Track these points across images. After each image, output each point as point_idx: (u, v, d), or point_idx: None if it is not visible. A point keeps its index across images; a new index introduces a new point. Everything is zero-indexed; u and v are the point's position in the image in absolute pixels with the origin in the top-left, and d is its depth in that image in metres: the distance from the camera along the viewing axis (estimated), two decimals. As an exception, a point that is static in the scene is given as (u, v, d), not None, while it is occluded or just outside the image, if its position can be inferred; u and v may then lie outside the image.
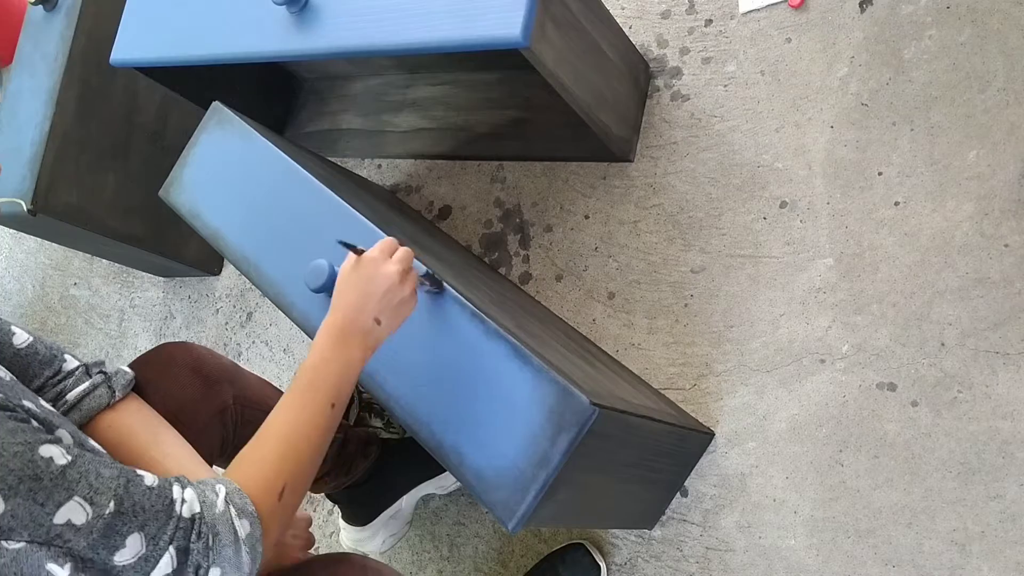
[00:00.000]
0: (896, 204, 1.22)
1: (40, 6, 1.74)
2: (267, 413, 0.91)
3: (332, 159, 1.79)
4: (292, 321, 1.20)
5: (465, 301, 1.03)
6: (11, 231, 2.51)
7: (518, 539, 1.42)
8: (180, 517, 0.77)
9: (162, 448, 0.97)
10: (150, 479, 0.78)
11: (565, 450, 0.92)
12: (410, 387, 1.05)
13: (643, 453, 1.13)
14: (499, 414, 0.97)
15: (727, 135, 1.39)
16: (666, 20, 1.49)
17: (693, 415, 1.30)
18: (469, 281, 1.20)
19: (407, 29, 1.17)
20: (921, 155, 1.22)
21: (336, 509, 1.65)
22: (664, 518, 1.29)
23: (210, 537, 0.78)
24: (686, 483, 1.28)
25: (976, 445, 1.10)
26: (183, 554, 0.77)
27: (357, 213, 1.17)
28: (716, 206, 1.37)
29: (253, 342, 1.88)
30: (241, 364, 1.86)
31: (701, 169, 1.40)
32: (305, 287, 1.14)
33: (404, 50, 1.18)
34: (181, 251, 1.92)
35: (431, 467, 1.45)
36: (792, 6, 1.37)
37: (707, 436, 1.27)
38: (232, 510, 0.81)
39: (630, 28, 1.52)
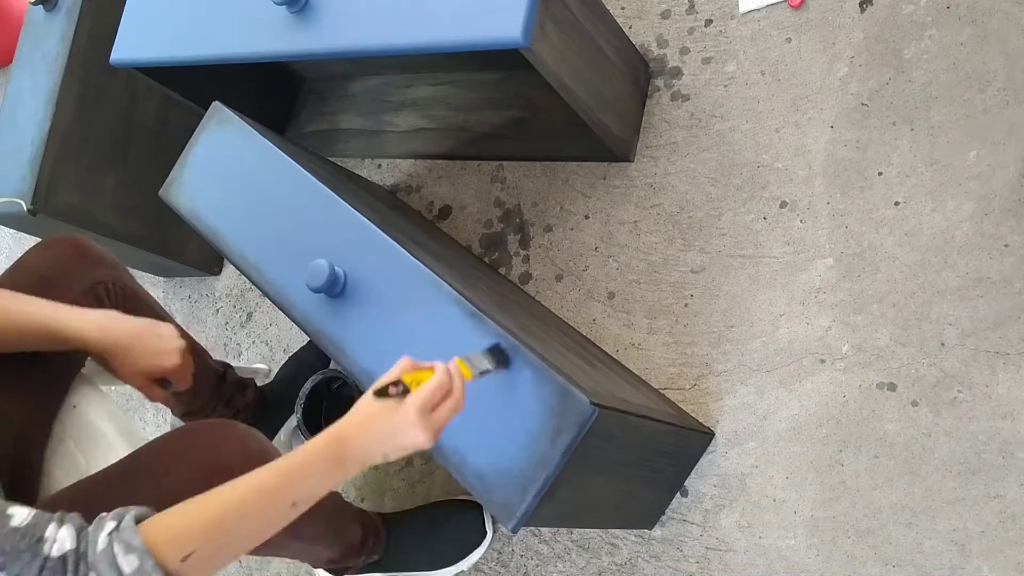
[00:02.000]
0: (896, 204, 1.22)
1: (40, 6, 1.74)
2: (149, 308, 0.92)
3: (332, 159, 1.79)
4: (292, 321, 1.20)
5: (465, 301, 1.03)
6: (11, 231, 2.51)
7: (518, 539, 1.42)
8: (48, 557, 0.74)
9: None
10: (20, 518, 0.75)
11: (565, 450, 0.92)
12: (410, 387, 1.05)
13: (643, 453, 1.13)
14: (499, 414, 0.97)
15: (727, 135, 1.39)
16: (666, 20, 1.49)
17: (693, 415, 1.30)
18: (469, 281, 1.20)
19: (407, 29, 1.17)
20: (921, 155, 1.22)
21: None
22: (664, 518, 1.29)
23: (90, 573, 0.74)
24: (686, 483, 1.28)
25: (976, 445, 1.10)
26: None
27: (357, 213, 1.17)
28: (716, 206, 1.37)
29: (253, 342, 1.88)
30: (241, 364, 1.86)
31: (701, 169, 1.40)
32: (305, 287, 1.14)
33: (404, 50, 1.18)
34: (181, 251, 1.92)
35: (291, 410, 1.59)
36: (792, 6, 1.37)
37: (707, 436, 1.27)
38: (116, 547, 0.76)
39: (630, 28, 1.52)
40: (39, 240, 1.29)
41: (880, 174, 1.25)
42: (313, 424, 1.52)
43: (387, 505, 1.58)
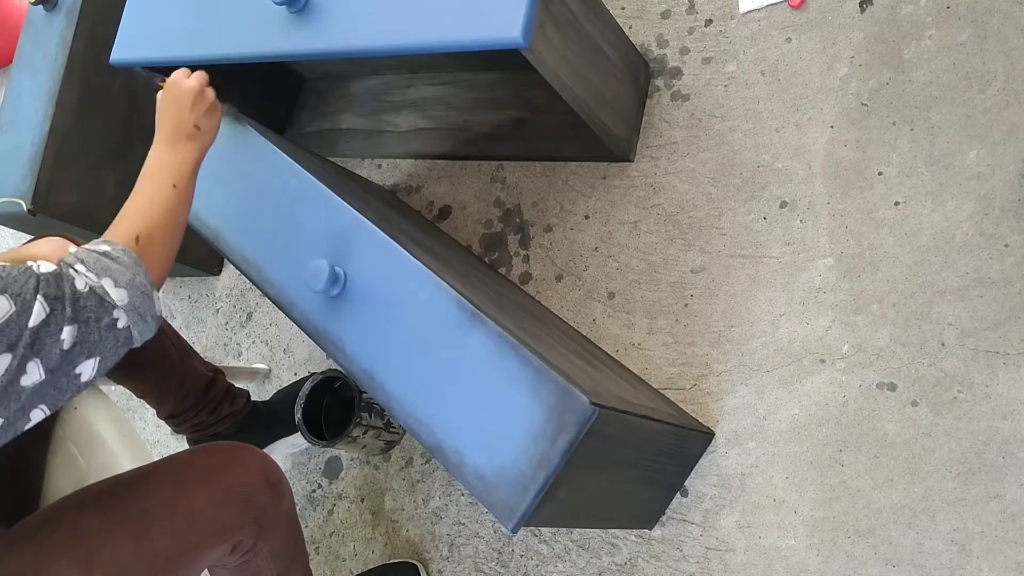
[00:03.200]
0: (896, 204, 1.22)
1: (40, 6, 1.74)
2: None
3: (332, 159, 1.79)
4: (292, 321, 1.20)
5: (465, 301, 1.03)
6: (11, 231, 2.51)
7: (518, 539, 1.42)
8: (40, 274, 0.84)
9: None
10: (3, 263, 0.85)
11: (565, 450, 0.92)
12: (410, 387, 1.05)
13: (643, 453, 1.13)
14: (499, 414, 0.97)
15: (727, 135, 1.39)
16: (666, 20, 1.49)
17: (693, 415, 1.30)
18: (469, 281, 1.20)
19: (407, 29, 1.17)
20: (921, 155, 1.22)
21: (335, 509, 1.65)
22: (664, 518, 1.29)
23: (76, 266, 0.87)
24: (686, 483, 1.28)
25: (976, 445, 1.10)
26: (55, 301, 0.83)
27: (357, 213, 1.17)
28: (716, 206, 1.37)
29: (253, 342, 1.88)
30: (241, 364, 1.86)
31: (701, 169, 1.40)
32: (305, 287, 1.14)
33: (404, 50, 1.18)
34: (181, 251, 1.91)
35: (291, 429, 1.62)
36: (792, 6, 1.37)
37: (707, 436, 1.27)
38: (89, 246, 0.91)
39: (630, 28, 1.52)
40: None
41: (880, 174, 1.25)
42: (313, 424, 1.52)
43: (387, 505, 1.58)
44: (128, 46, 1.50)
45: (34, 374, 0.82)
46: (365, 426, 1.49)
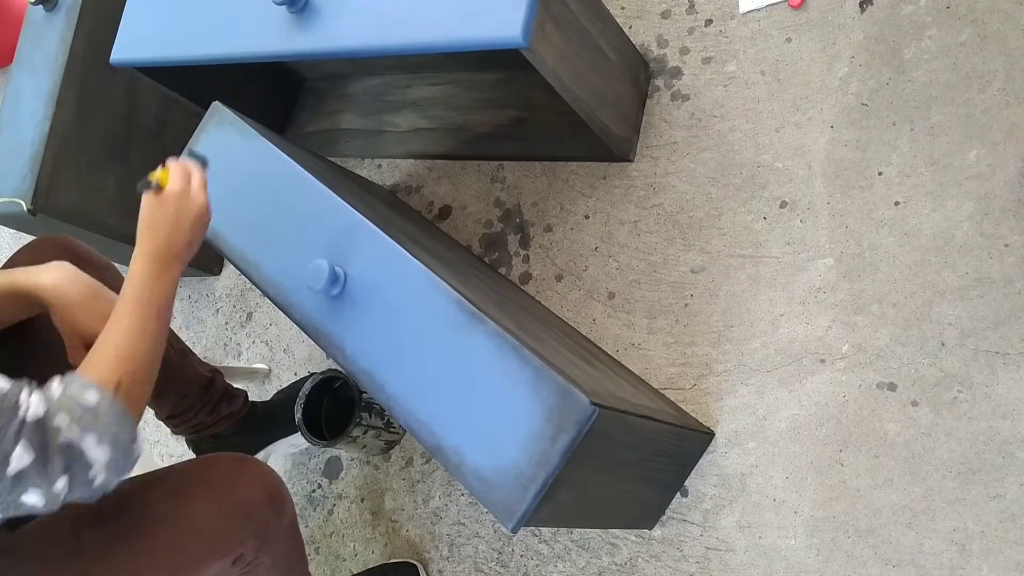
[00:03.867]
0: (896, 204, 1.22)
1: (40, 6, 1.74)
2: None
3: (332, 159, 1.79)
4: (292, 321, 1.20)
5: (465, 301, 1.03)
6: (11, 231, 2.51)
7: (518, 539, 1.42)
8: (24, 420, 0.82)
9: None
10: None
11: (565, 450, 0.92)
12: (410, 387, 1.05)
13: (643, 453, 1.13)
14: (499, 414, 0.97)
15: (727, 135, 1.39)
16: (666, 20, 1.49)
17: (693, 415, 1.30)
18: (469, 281, 1.20)
19: (407, 29, 1.17)
20: (921, 155, 1.22)
21: (335, 509, 1.65)
22: (664, 518, 1.29)
23: (56, 417, 0.84)
24: (686, 483, 1.28)
25: (976, 445, 1.10)
26: (39, 448, 0.82)
27: (357, 213, 1.17)
28: (716, 206, 1.37)
29: (253, 342, 1.88)
30: (241, 364, 1.86)
31: (701, 169, 1.40)
32: (305, 287, 1.14)
33: (404, 50, 1.18)
34: (181, 251, 1.91)
35: (290, 429, 1.62)
36: (792, 6, 1.37)
37: (707, 436, 1.27)
38: (74, 387, 0.88)
39: (630, 28, 1.52)
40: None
41: (880, 174, 1.25)
42: (313, 424, 1.52)
43: (387, 505, 1.58)
44: (128, 46, 1.50)
45: None
46: (365, 426, 1.49)
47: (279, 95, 1.87)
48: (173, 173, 1.04)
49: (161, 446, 1.95)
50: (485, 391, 0.98)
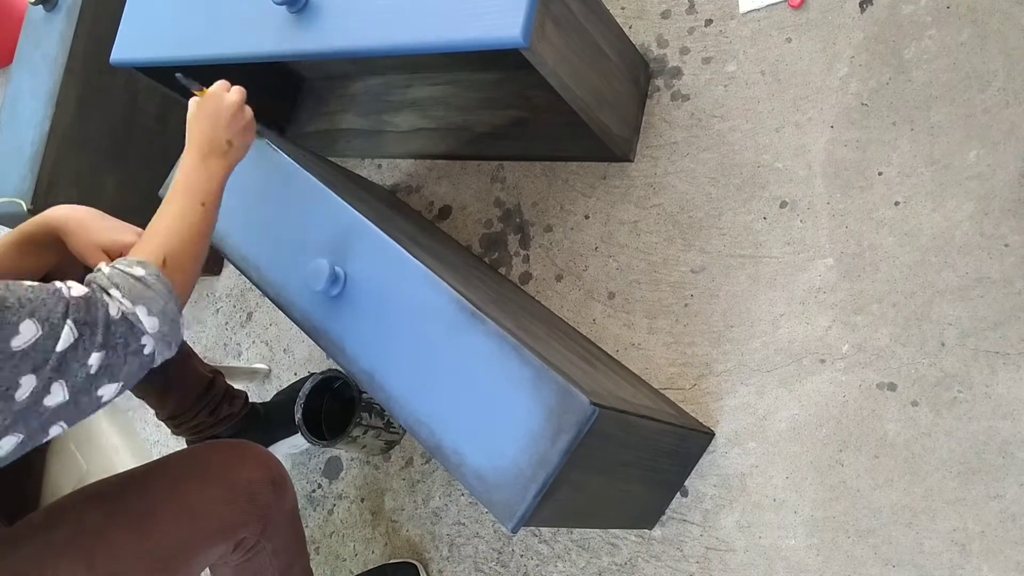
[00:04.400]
0: (896, 204, 1.22)
1: (40, 6, 1.74)
2: None
3: (332, 159, 1.79)
4: (292, 321, 1.20)
5: (465, 301, 1.03)
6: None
7: (518, 539, 1.42)
8: (70, 298, 0.84)
9: None
10: (30, 283, 0.84)
11: (565, 450, 0.92)
12: (410, 387, 1.05)
13: (643, 453, 1.13)
14: (499, 414, 0.97)
15: (727, 135, 1.39)
16: (666, 20, 1.49)
17: (693, 415, 1.30)
18: (469, 281, 1.20)
19: (407, 29, 1.17)
20: (921, 155, 1.22)
21: (335, 509, 1.65)
22: (664, 518, 1.29)
23: (111, 290, 0.88)
24: (686, 483, 1.28)
25: (976, 445, 1.10)
26: (84, 326, 0.84)
27: (357, 213, 1.17)
28: (716, 206, 1.37)
29: (253, 342, 1.88)
30: (241, 364, 1.86)
31: (701, 169, 1.40)
32: (305, 287, 1.14)
33: (404, 50, 1.18)
34: (181, 251, 1.91)
35: (290, 430, 1.63)
36: (792, 6, 1.37)
37: (707, 436, 1.27)
38: (120, 265, 0.91)
39: (630, 28, 1.52)
40: None
41: (880, 174, 1.25)
42: (313, 424, 1.52)
43: (387, 505, 1.58)
44: (128, 46, 1.50)
45: (58, 395, 0.83)
46: (365, 426, 1.49)
47: (279, 95, 1.87)
48: (215, 85, 1.14)
49: (161, 446, 1.95)
50: (485, 391, 0.98)
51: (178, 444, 1.85)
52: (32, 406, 0.81)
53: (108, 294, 0.88)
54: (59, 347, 0.82)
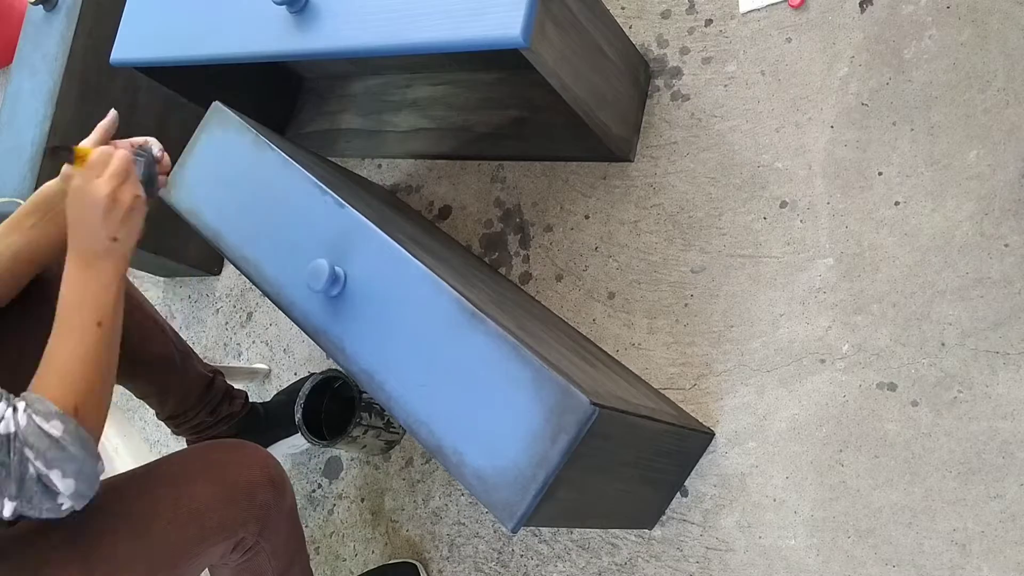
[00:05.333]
0: (896, 204, 1.22)
1: (40, 6, 1.74)
2: (139, 306, 1.08)
3: (332, 159, 1.79)
4: (292, 321, 1.20)
5: (465, 301, 1.03)
6: (11, 231, 2.51)
7: (518, 539, 1.42)
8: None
9: None
10: None
11: (565, 450, 0.92)
12: (410, 387, 1.05)
13: (643, 453, 1.13)
14: (499, 414, 0.97)
15: (727, 135, 1.39)
16: (666, 20, 1.49)
17: (693, 415, 1.30)
18: (469, 281, 1.20)
19: (407, 29, 1.17)
20: (921, 155, 1.22)
21: (335, 509, 1.65)
22: (664, 518, 1.29)
23: (24, 450, 0.85)
24: (686, 483, 1.28)
25: (976, 445, 1.10)
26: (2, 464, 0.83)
27: (357, 213, 1.17)
28: (716, 206, 1.37)
29: (253, 342, 1.88)
30: (241, 364, 1.86)
31: (701, 169, 1.40)
32: (305, 287, 1.14)
33: (404, 50, 1.18)
34: (181, 251, 1.92)
35: (290, 430, 1.62)
36: (792, 6, 1.37)
37: (707, 436, 1.27)
38: (36, 419, 0.86)
39: (630, 28, 1.52)
40: None
41: (880, 174, 1.25)
42: (313, 424, 1.52)
43: (387, 505, 1.58)
44: (128, 46, 1.50)
45: None
46: (365, 426, 1.49)
47: (279, 95, 1.87)
48: (95, 154, 0.98)
49: (161, 446, 1.95)
50: (485, 391, 0.98)
51: (178, 444, 1.85)
52: None
53: (23, 452, 0.86)
54: None
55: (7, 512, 0.85)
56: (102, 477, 0.95)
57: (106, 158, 1.00)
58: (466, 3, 1.12)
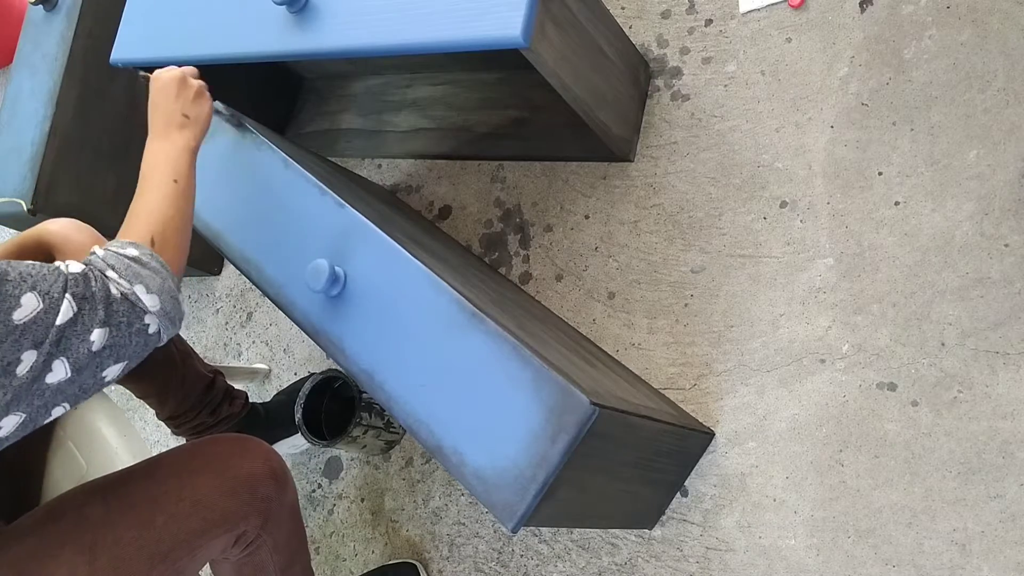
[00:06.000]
0: (896, 204, 1.22)
1: (40, 6, 1.74)
2: None
3: (332, 159, 1.79)
4: (292, 321, 1.20)
5: (465, 301, 1.03)
6: (11, 231, 2.51)
7: (518, 539, 1.42)
8: (68, 274, 0.86)
9: None
10: (29, 261, 0.86)
11: (565, 450, 0.92)
12: (410, 387, 1.05)
13: (643, 453, 1.13)
14: (499, 414, 0.97)
15: (727, 135, 1.39)
16: (666, 20, 1.49)
17: (693, 415, 1.30)
18: (469, 281, 1.20)
19: (407, 29, 1.17)
20: (921, 155, 1.22)
21: (335, 509, 1.65)
22: (664, 518, 1.29)
23: (107, 272, 0.89)
24: (686, 483, 1.28)
25: (976, 445, 1.10)
26: (83, 301, 0.85)
27: (357, 213, 1.17)
28: (716, 206, 1.37)
29: (253, 342, 1.88)
30: (241, 364, 1.86)
31: (701, 169, 1.40)
32: (305, 287, 1.14)
33: (404, 50, 1.18)
34: (181, 251, 1.91)
35: (290, 430, 1.63)
36: (792, 6, 1.37)
37: (707, 436, 1.27)
38: (113, 247, 0.92)
39: (630, 28, 1.52)
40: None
41: (880, 174, 1.25)
42: (313, 424, 1.52)
43: (387, 505, 1.58)
44: (128, 46, 1.50)
45: (60, 372, 0.83)
46: (365, 426, 1.49)
47: (279, 95, 1.87)
48: (158, 70, 1.17)
49: (161, 446, 1.95)
50: (485, 391, 0.98)
51: (178, 444, 1.85)
52: (33, 383, 0.81)
53: (105, 275, 0.88)
54: (58, 321, 0.82)
55: (96, 341, 0.85)
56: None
57: (172, 68, 1.18)
58: (466, 3, 1.12)
